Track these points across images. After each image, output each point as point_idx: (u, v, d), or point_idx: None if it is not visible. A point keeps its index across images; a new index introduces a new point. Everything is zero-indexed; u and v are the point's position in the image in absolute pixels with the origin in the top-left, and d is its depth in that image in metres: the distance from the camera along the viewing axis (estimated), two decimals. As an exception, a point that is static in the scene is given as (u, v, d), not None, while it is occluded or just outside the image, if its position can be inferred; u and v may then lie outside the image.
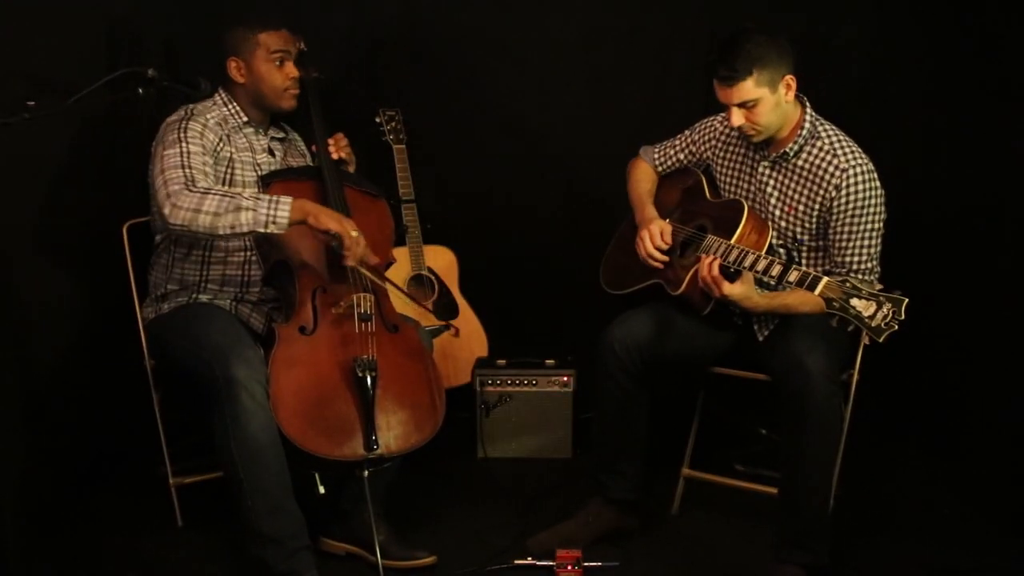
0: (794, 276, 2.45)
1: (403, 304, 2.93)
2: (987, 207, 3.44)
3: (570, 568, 2.66)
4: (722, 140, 2.91)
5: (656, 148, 3.09)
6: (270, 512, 2.46)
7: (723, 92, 2.64)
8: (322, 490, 2.62)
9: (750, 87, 2.60)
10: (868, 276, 2.66)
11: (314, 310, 2.62)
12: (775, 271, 2.51)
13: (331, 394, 2.55)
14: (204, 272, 2.77)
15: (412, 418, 2.62)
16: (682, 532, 2.99)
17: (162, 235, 2.82)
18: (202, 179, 2.56)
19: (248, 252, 2.78)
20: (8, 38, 2.73)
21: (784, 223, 2.76)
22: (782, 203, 2.76)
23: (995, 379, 3.42)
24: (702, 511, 3.08)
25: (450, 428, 2.73)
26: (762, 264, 2.56)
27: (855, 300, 2.30)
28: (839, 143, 2.67)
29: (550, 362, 3.58)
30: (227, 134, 2.76)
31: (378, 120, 3.59)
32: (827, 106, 2.78)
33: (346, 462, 2.53)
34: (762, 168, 2.79)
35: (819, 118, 2.74)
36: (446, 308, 3.61)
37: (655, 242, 2.85)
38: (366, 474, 2.54)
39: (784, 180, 2.75)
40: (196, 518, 2.96)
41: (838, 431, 2.65)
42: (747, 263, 2.58)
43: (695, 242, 2.80)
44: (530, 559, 2.75)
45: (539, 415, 3.53)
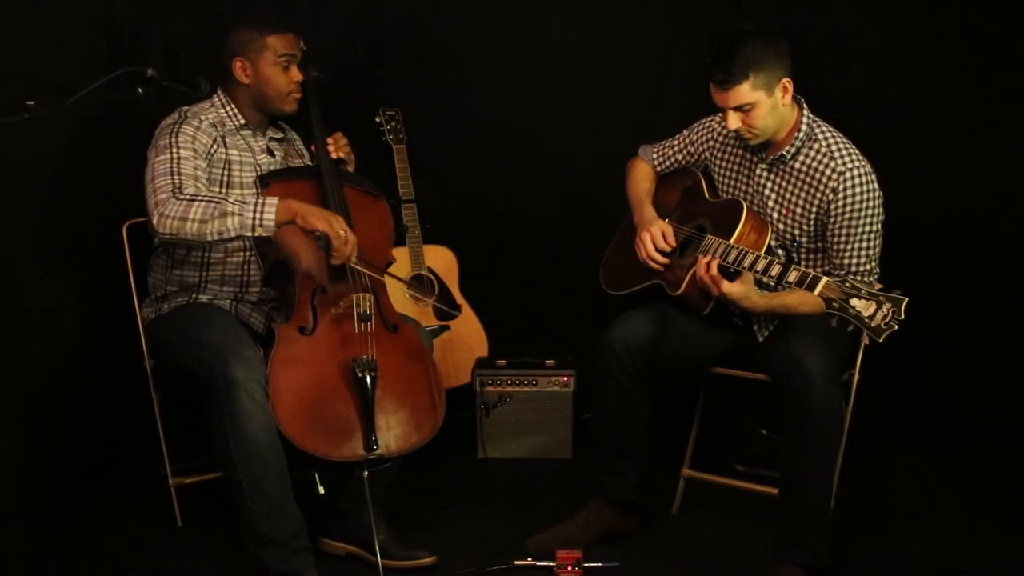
0: (793, 276, 2.45)
1: (403, 304, 2.93)
2: (987, 207, 3.44)
3: (570, 569, 2.65)
4: (720, 141, 2.91)
5: (655, 148, 3.09)
6: (269, 512, 2.46)
7: (719, 96, 2.64)
8: (322, 490, 2.62)
9: (746, 91, 2.59)
10: (867, 277, 2.65)
11: (313, 310, 2.62)
12: (774, 271, 2.51)
13: (331, 394, 2.54)
14: (203, 273, 2.76)
15: (412, 418, 2.61)
16: (682, 532, 2.98)
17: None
18: (190, 185, 2.55)
19: (248, 252, 2.77)
20: (7, 38, 2.73)
21: (782, 225, 2.75)
22: (780, 205, 2.75)
23: (995, 379, 3.42)
24: (702, 511, 3.07)
25: (450, 428, 2.73)
26: (761, 264, 2.55)
27: (855, 300, 2.30)
28: (836, 145, 2.67)
29: (550, 362, 3.58)
30: (223, 136, 2.75)
31: (378, 120, 3.59)
32: (827, 107, 2.77)
33: (346, 462, 2.53)
34: (759, 170, 2.79)
35: (817, 120, 2.73)
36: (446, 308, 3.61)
37: (657, 244, 2.84)
38: (366, 474, 2.54)
39: (781, 183, 2.75)
40: (196, 518, 2.96)
41: (838, 431, 2.64)
42: (746, 263, 2.58)
43: (694, 242, 2.80)
44: (530, 559, 2.74)
45: (539, 415, 3.52)
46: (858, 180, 2.61)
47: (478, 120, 3.82)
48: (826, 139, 2.68)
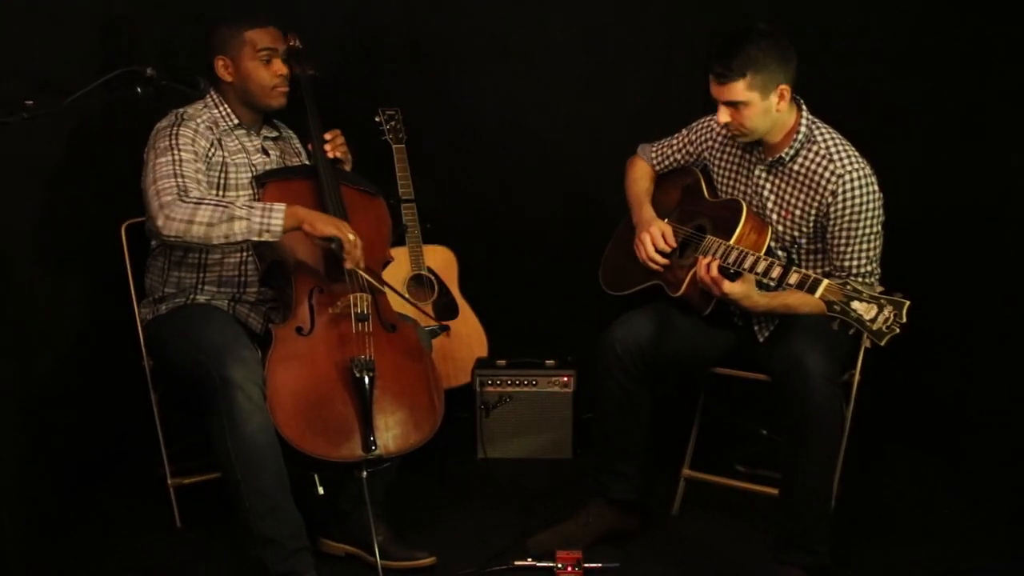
0: (794, 279, 2.44)
1: (402, 303, 2.93)
2: (987, 207, 3.43)
3: (570, 569, 2.65)
4: (719, 141, 2.90)
5: (654, 147, 3.08)
6: (268, 513, 2.45)
7: (714, 88, 2.64)
8: (321, 491, 2.61)
9: (740, 88, 2.58)
10: (868, 279, 2.64)
11: (311, 310, 2.61)
12: (775, 273, 2.50)
13: (329, 395, 2.54)
14: (201, 274, 2.76)
15: (411, 418, 2.61)
16: (682, 533, 2.98)
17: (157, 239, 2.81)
18: (195, 188, 2.55)
19: (245, 253, 2.77)
20: (6, 37, 2.73)
21: (781, 227, 2.75)
22: (779, 207, 2.74)
23: (995, 379, 3.42)
24: (702, 511, 3.07)
25: (450, 428, 2.73)
26: (761, 266, 2.55)
27: (856, 303, 2.29)
28: (835, 147, 2.65)
29: (550, 362, 3.57)
30: (218, 137, 2.75)
31: (377, 119, 3.59)
32: (827, 107, 2.77)
33: (344, 463, 2.52)
34: (758, 172, 2.78)
35: (816, 121, 2.71)
36: (445, 308, 3.60)
37: (657, 244, 2.84)
38: (365, 475, 2.54)
39: (780, 185, 2.74)
40: (195, 518, 2.95)
41: (839, 432, 2.64)
42: (746, 265, 2.57)
43: (694, 243, 2.79)
44: (530, 560, 2.74)
45: (539, 415, 3.52)
46: (857, 183, 2.60)
47: (478, 120, 3.82)
48: (825, 141, 2.67)
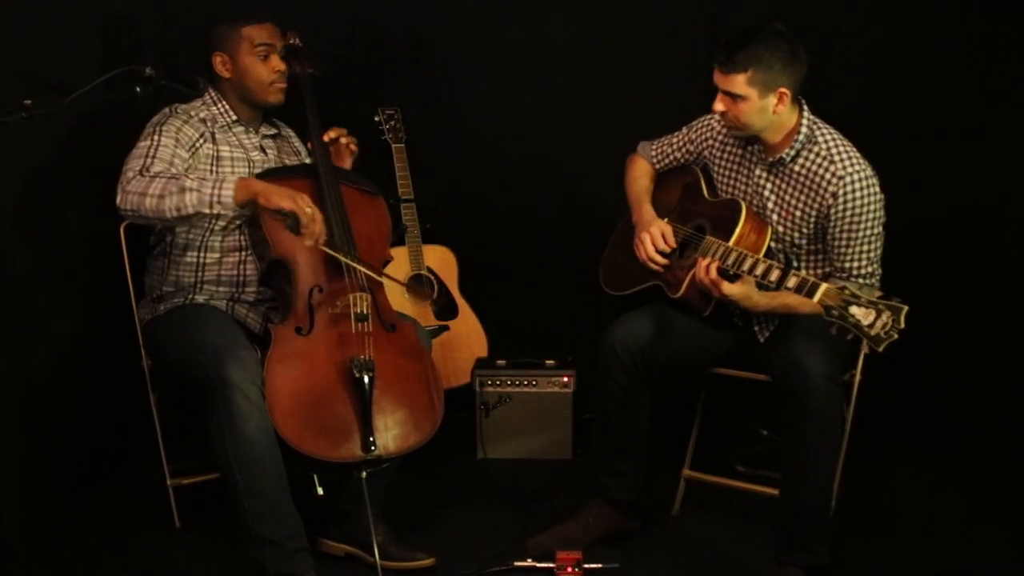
0: (792, 282, 2.44)
1: (401, 303, 2.93)
2: (987, 208, 3.43)
3: (570, 570, 2.64)
4: (719, 140, 2.90)
5: (654, 145, 3.07)
6: (267, 514, 2.45)
7: (716, 75, 2.64)
8: (320, 491, 2.60)
9: (740, 82, 2.58)
10: (869, 280, 2.64)
11: (310, 310, 2.61)
12: (774, 276, 2.50)
13: (328, 395, 2.53)
14: (199, 274, 2.75)
15: (410, 418, 2.61)
16: (682, 533, 2.98)
17: (156, 237, 2.81)
18: (162, 167, 2.55)
19: (244, 252, 2.77)
20: (6, 37, 2.73)
21: (781, 228, 2.74)
22: (779, 208, 2.74)
23: (996, 380, 3.42)
24: (702, 512, 3.07)
25: (450, 428, 2.72)
26: (760, 268, 2.54)
27: (854, 308, 2.28)
28: (836, 148, 2.65)
29: (550, 362, 3.57)
30: (212, 132, 2.75)
31: (377, 119, 3.59)
32: (827, 107, 2.76)
33: (344, 463, 2.52)
34: (759, 172, 2.77)
35: (818, 122, 2.71)
36: (445, 308, 3.60)
37: (657, 245, 2.83)
38: (364, 475, 2.53)
39: (781, 186, 2.73)
40: (194, 519, 2.95)
41: (839, 432, 2.63)
42: (745, 267, 2.57)
43: (693, 243, 2.79)
44: (530, 560, 2.73)
45: (539, 415, 3.52)
46: (858, 184, 2.59)
47: (478, 120, 3.82)
48: (826, 142, 2.67)
